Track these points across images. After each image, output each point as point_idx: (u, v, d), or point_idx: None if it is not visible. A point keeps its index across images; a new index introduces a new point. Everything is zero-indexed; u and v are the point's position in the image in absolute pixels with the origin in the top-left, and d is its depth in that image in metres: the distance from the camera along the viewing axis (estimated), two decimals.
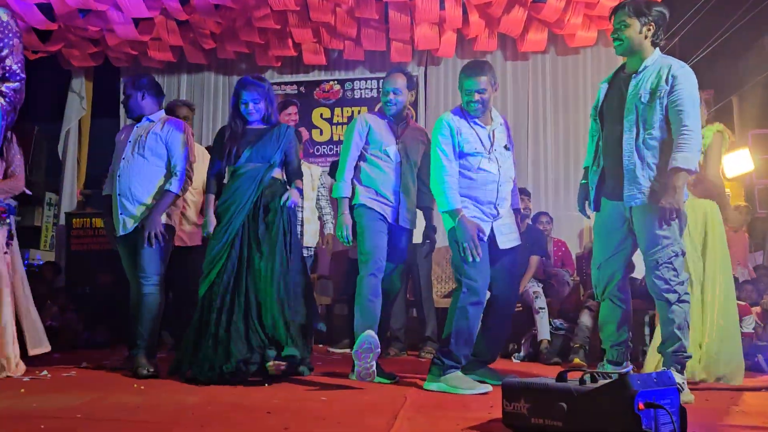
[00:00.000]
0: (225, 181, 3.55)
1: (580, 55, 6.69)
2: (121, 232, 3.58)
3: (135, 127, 3.70)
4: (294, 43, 6.63)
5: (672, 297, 2.78)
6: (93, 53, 6.80)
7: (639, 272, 4.55)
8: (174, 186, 3.57)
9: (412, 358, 4.64)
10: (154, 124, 3.66)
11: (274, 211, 3.36)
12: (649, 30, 2.82)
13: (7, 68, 2.11)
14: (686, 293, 2.81)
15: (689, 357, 2.83)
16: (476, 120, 3.17)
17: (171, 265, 3.73)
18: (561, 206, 6.44)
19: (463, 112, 3.20)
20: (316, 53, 6.78)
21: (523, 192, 4.97)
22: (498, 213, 3.19)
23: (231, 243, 3.34)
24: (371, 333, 3.04)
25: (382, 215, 3.37)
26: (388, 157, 3.41)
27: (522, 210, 5.02)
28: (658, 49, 2.90)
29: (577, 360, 4.26)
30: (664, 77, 2.77)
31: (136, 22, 6.13)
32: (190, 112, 4.64)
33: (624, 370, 1.91)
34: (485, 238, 3.11)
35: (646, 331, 4.45)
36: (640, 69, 2.85)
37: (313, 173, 5.00)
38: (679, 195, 2.70)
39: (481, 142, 3.15)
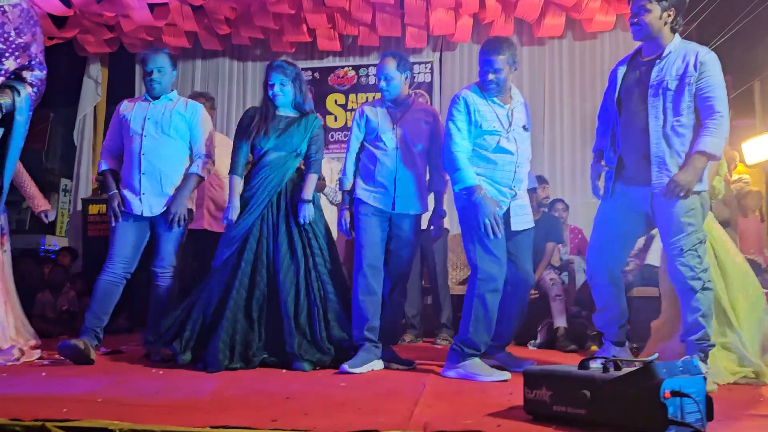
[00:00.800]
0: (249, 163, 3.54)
1: (598, 39, 6.61)
2: (147, 214, 3.49)
3: (151, 104, 3.57)
4: (308, 28, 6.60)
5: (697, 284, 2.73)
6: (108, 39, 6.81)
7: (655, 260, 4.54)
8: (199, 168, 3.54)
9: (428, 345, 4.64)
10: (175, 103, 3.59)
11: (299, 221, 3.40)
12: (669, 15, 2.77)
13: (33, 56, 2.11)
14: (709, 281, 2.77)
15: (713, 345, 2.79)
16: (494, 98, 3.11)
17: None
18: (577, 193, 6.39)
19: (480, 89, 3.14)
20: (331, 39, 6.74)
21: (542, 180, 4.93)
22: (516, 194, 3.15)
23: (249, 230, 3.34)
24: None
25: (378, 207, 3.30)
26: (384, 143, 3.31)
27: (541, 199, 4.99)
28: (678, 34, 2.85)
29: (594, 347, 4.23)
30: (691, 63, 2.72)
31: (152, 7, 6.12)
32: (208, 103, 4.61)
33: (649, 359, 1.88)
34: (501, 222, 3.04)
35: None
36: (664, 54, 2.80)
37: (332, 168, 5.00)
38: (694, 176, 2.68)
39: (500, 121, 3.09)
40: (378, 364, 3.22)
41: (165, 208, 3.49)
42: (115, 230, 3.48)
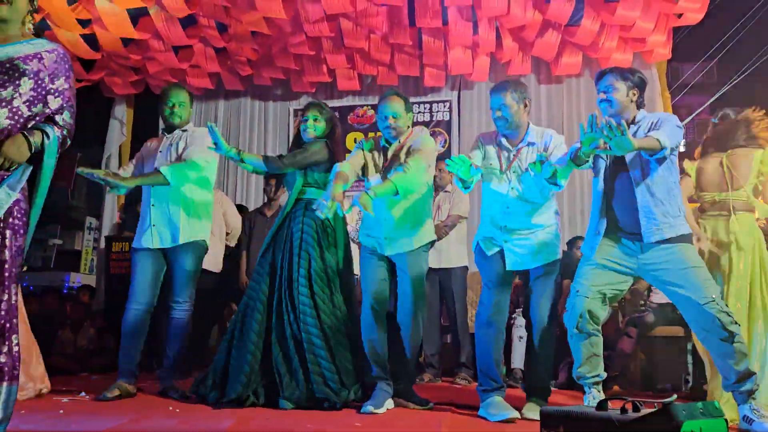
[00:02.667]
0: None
1: None
2: (158, 245, 3.51)
3: (165, 138, 3.66)
4: (328, 68, 6.72)
5: (736, 328, 2.66)
6: (134, 81, 7.00)
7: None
8: (167, 172, 3.43)
9: (447, 384, 4.58)
10: (186, 133, 3.65)
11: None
12: (634, 94, 2.94)
13: (66, 100, 2.21)
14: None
15: (757, 387, 2.71)
16: (503, 138, 3.14)
17: None
18: None
19: (496, 133, 3.20)
20: (350, 79, 6.86)
21: (579, 238, 4.99)
22: (510, 233, 3.09)
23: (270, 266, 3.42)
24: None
25: (372, 248, 3.31)
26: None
27: (579, 255, 5.01)
28: (643, 109, 3.01)
29: (616, 387, 4.15)
30: (654, 121, 2.89)
31: (176, 49, 6.30)
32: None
33: (668, 400, 1.84)
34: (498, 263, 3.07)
35: (689, 359, 4.31)
36: (638, 119, 2.95)
37: (354, 209, 5.02)
38: (633, 142, 2.60)
39: (499, 160, 3.12)
40: (390, 403, 3.18)
41: (177, 244, 3.52)
42: (134, 266, 3.53)
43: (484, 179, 3.15)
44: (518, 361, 4.50)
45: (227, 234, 5.20)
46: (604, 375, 2.93)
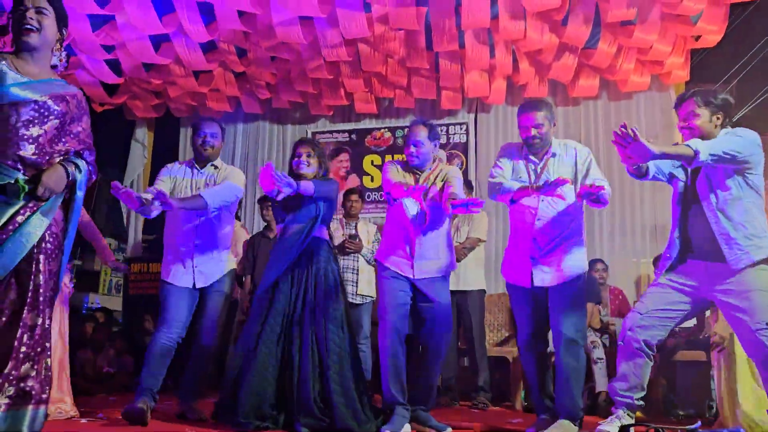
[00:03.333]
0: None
1: (633, 100, 6.62)
2: (200, 285, 3.51)
3: (197, 173, 3.62)
4: (346, 92, 6.79)
5: None
6: (155, 105, 7.11)
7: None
8: (209, 197, 3.38)
9: (465, 408, 4.53)
10: (220, 171, 3.64)
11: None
12: (718, 119, 2.80)
13: (85, 138, 2.32)
14: None
15: None
16: (530, 153, 3.16)
17: None
18: (617, 253, 6.29)
19: (518, 149, 3.21)
20: (368, 102, 6.92)
21: (598, 261, 4.95)
22: (541, 249, 3.08)
23: (272, 301, 3.31)
24: None
25: (396, 271, 3.28)
26: (407, 209, 3.29)
27: (598, 278, 5.00)
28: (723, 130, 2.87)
29: (639, 414, 4.07)
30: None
31: (196, 74, 6.41)
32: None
33: (692, 427, 1.80)
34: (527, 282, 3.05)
35: (713, 384, 4.23)
36: None
37: (369, 230, 5.04)
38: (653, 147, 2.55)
39: (527, 174, 3.13)
40: (407, 428, 3.15)
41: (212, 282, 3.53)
42: (169, 296, 3.47)
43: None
44: (602, 384, 4.39)
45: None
46: (641, 402, 2.82)
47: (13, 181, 2.06)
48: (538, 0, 5.05)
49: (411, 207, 3.28)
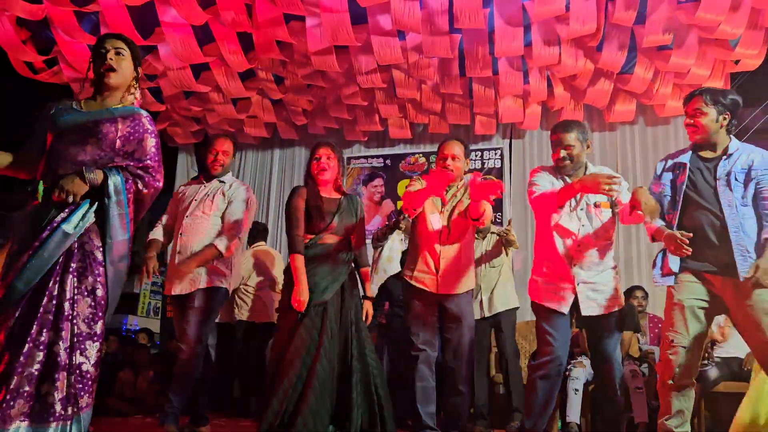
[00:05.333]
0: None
1: (671, 124, 6.53)
2: (176, 292, 3.49)
3: (202, 186, 3.65)
4: (380, 118, 6.86)
5: None
6: (195, 131, 7.29)
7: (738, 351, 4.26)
8: (223, 244, 3.45)
9: None
10: (225, 186, 3.65)
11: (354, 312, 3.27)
12: (725, 119, 2.83)
13: (141, 156, 2.41)
14: None
15: None
16: (566, 176, 3.10)
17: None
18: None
19: (552, 171, 3.16)
20: (402, 127, 6.98)
21: (638, 288, 4.84)
22: (580, 274, 3.00)
23: (321, 316, 3.16)
24: None
25: (422, 288, 3.28)
26: (431, 224, 3.30)
27: (637, 306, 4.86)
28: (734, 137, 2.90)
29: None
30: (757, 159, 2.78)
31: (235, 101, 6.56)
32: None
33: None
34: (566, 308, 2.96)
35: None
36: (730, 150, 2.84)
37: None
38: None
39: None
40: None
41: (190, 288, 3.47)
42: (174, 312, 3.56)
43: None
44: (574, 414, 4.34)
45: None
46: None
47: (30, 189, 2.15)
48: (572, 27, 5.05)
49: (435, 221, 3.29)
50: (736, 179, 2.76)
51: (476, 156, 7.05)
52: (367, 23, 5.20)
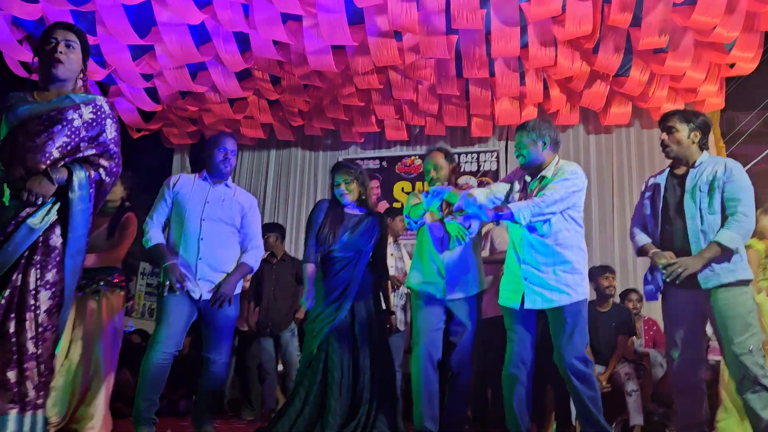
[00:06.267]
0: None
1: None
2: (206, 297, 3.29)
3: (211, 188, 3.46)
4: (377, 119, 6.86)
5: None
6: (191, 131, 7.27)
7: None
8: (253, 261, 3.45)
9: None
10: (234, 191, 3.53)
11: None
12: (696, 136, 2.97)
13: (104, 145, 2.43)
14: None
15: None
16: (526, 174, 3.10)
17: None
18: None
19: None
20: (399, 129, 6.98)
21: (607, 269, 4.76)
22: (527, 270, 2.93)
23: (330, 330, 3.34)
24: None
25: (429, 294, 3.28)
26: (429, 231, 3.34)
27: (605, 289, 4.80)
28: (706, 151, 3.01)
29: None
30: (720, 169, 2.88)
31: (231, 101, 6.55)
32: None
33: None
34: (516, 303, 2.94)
35: None
36: (697, 163, 2.95)
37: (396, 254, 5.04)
38: (699, 262, 2.75)
39: (512, 190, 3.10)
40: None
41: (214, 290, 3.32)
42: (169, 307, 3.22)
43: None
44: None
45: None
46: None
47: None
48: (569, 28, 5.06)
49: (435, 229, 3.31)
50: (700, 190, 2.88)
51: (473, 158, 7.05)
52: (364, 23, 5.20)
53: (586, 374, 2.83)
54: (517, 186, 3.11)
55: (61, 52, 2.34)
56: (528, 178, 3.09)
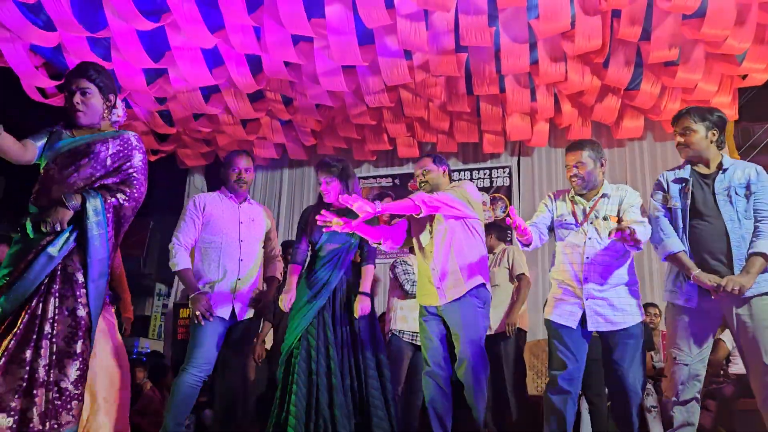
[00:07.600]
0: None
1: None
2: (242, 317, 3.35)
3: (240, 207, 3.50)
4: (389, 137, 6.89)
5: None
6: (204, 152, 7.35)
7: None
8: (278, 272, 3.59)
9: None
10: (259, 210, 3.61)
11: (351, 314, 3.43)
12: (714, 135, 2.89)
13: (126, 174, 2.54)
14: None
15: None
16: (577, 194, 3.10)
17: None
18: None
19: (569, 190, 3.19)
20: (410, 146, 7.00)
21: (651, 305, 4.77)
22: (589, 290, 2.94)
23: (311, 322, 3.35)
24: None
25: (427, 307, 3.27)
26: (420, 243, 3.37)
27: (650, 323, 4.81)
28: (725, 153, 2.97)
29: None
30: (753, 174, 2.82)
31: (244, 122, 6.62)
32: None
33: None
34: (574, 323, 2.93)
35: None
36: (725, 165, 2.88)
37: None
38: (751, 278, 2.66)
39: (573, 215, 3.06)
40: None
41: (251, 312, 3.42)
42: (204, 332, 3.23)
43: (560, 233, 3.09)
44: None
45: None
46: None
47: (20, 228, 2.27)
48: (578, 43, 5.07)
49: (423, 239, 3.33)
50: (736, 193, 2.80)
51: (485, 174, 7.05)
52: (374, 44, 5.25)
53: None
54: (565, 208, 3.10)
55: (78, 102, 2.49)
56: (581, 199, 3.08)
